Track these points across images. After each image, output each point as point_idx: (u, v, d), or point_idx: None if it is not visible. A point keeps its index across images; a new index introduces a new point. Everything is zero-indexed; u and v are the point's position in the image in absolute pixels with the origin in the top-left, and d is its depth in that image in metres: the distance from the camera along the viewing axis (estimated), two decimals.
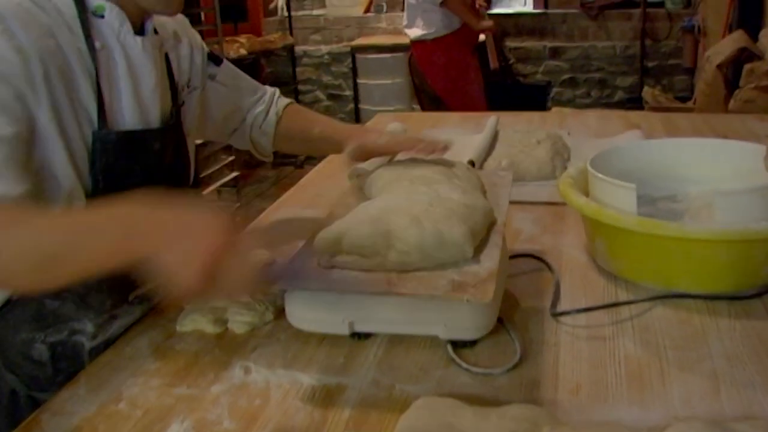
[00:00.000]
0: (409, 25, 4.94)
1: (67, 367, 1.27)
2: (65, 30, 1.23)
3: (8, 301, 1.28)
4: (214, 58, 1.63)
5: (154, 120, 1.38)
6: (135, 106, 1.33)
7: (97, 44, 1.26)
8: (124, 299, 1.32)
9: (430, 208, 1.16)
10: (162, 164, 1.39)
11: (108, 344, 1.28)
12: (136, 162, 1.34)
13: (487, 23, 5.00)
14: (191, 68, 1.56)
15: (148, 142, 1.36)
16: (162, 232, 0.95)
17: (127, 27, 1.31)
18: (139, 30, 1.35)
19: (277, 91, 1.78)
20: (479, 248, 1.15)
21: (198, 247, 0.91)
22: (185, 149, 1.50)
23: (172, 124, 1.43)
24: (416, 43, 4.92)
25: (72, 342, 1.28)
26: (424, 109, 5.06)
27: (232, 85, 1.69)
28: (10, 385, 1.33)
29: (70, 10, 1.25)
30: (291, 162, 6.90)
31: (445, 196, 1.23)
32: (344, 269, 1.12)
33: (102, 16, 1.28)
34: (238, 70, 1.73)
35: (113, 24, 1.29)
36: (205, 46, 1.62)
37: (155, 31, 1.40)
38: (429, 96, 4.94)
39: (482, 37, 5.20)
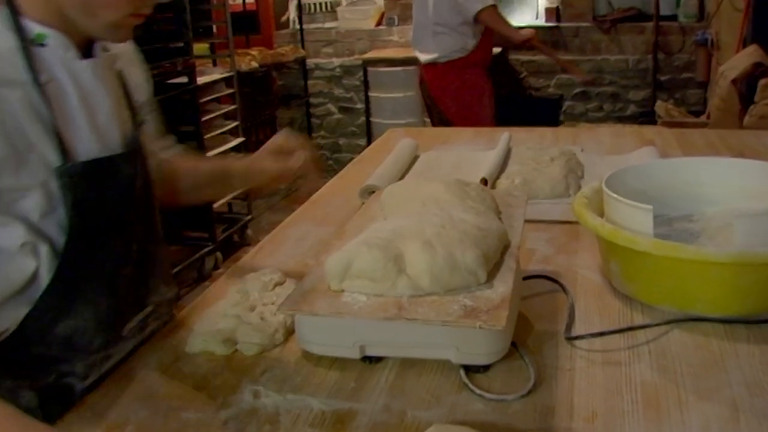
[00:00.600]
0: (419, 47, 4.84)
1: (59, 412, 1.17)
2: (2, 65, 1.14)
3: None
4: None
5: (115, 146, 1.29)
6: (93, 135, 1.25)
7: (43, 77, 1.16)
8: (117, 336, 1.29)
9: (443, 230, 1.15)
10: (133, 191, 1.31)
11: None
12: (106, 192, 1.25)
13: (528, 32, 4.92)
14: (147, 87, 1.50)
15: (117, 168, 1.27)
16: None
17: (73, 53, 1.22)
18: (87, 53, 1.27)
19: (173, 139, 1.67)
20: (492, 272, 1.13)
21: None
22: (148, 171, 1.39)
23: (137, 147, 1.34)
24: (427, 65, 4.81)
25: (61, 384, 1.23)
26: (434, 125, 4.96)
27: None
28: None
29: (7, 43, 1.15)
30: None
31: (458, 218, 1.21)
32: (354, 293, 1.10)
33: (43, 44, 1.18)
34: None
35: (57, 51, 1.20)
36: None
37: (105, 49, 1.33)
38: (439, 117, 4.83)
39: (497, 49, 5.12)
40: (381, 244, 1.12)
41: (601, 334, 1.25)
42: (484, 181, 1.95)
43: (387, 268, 1.08)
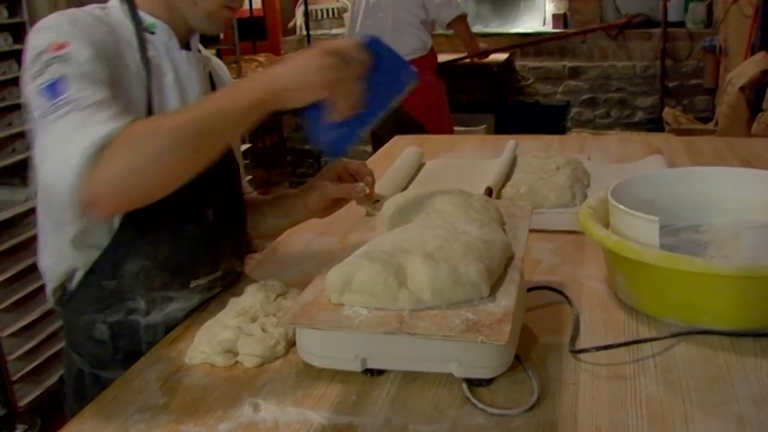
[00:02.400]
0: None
1: (125, 345, 1.44)
2: (123, 42, 1.35)
3: (72, 288, 1.43)
4: None
5: None
6: None
7: (150, 54, 1.38)
8: (185, 284, 1.46)
9: (445, 243, 1.13)
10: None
11: (166, 326, 1.44)
12: None
13: (485, 45, 5.07)
14: None
15: None
16: (278, 63, 1.21)
17: (175, 42, 1.42)
18: (185, 46, 1.46)
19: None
20: (496, 285, 1.12)
21: (305, 56, 1.19)
22: (231, 154, 1.57)
23: None
24: None
25: (129, 321, 1.43)
26: (389, 133, 4.68)
27: None
28: (76, 365, 1.50)
29: (128, 27, 1.38)
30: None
31: (461, 230, 1.20)
32: (355, 306, 1.08)
33: (153, 33, 1.41)
34: None
35: (163, 38, 1.41)
36: None
37: (199, 51, 1.52)
38: (402, 123, 4.43)
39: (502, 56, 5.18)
40: (382, 257, 1.11)
41: (606, 347, 1.23)
42: (489, 190, 1.94)
43: (388, 282, 1.06)
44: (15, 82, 3.08)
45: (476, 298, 1.08)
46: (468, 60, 5.35)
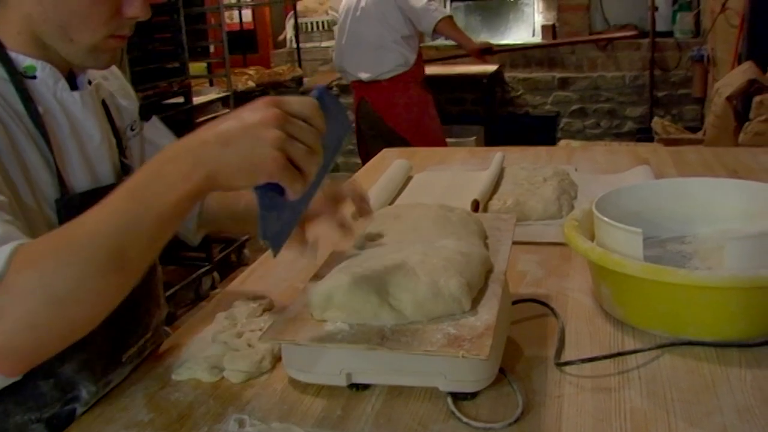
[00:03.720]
0: (355, 67, 4.86)
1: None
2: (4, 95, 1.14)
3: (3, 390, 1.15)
4: (143, 113, 1.49)
5: (106, 176, 1.28)
6: (84, 166, 1.24)
7: (41, 109, 1.16)
8: (117, 361, 1.28)
9: (425, 258, 1.14)
10: None
11: None
12: None
13: (482, 42, 5.04)
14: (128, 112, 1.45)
15: None
16: (215, 133, 0.94)
17: (63, 84, 1.22)
18: (72, 86, 1.25)
19: None
20: (477, 298, 1.12)
21: (254, 127, 0.92)
22: None
23: (126, 175, 1.31)
24: (368, 84, 4.84)
25: (66, 412, 1.22)
26: (370, 148, 4.77)
27: (158, 145, 1.49)
28: None
29: (2, 75, 1.15)
30: None
31: (440, 245, 1.20)
32: (337, 322, 1.09)
33: (34, 77, 1.18)
34: (168, 131, 1.56)
35: (47, 82, 1.19)
36: (136, 97, 1.52)
37: (89, 82, 1.31)
38: (385, 139, 4.67)
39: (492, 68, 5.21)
40: (363, 273, 1.11)
41: (591, 359, 1.23)
42: (476, 203, 1.94)
43: (369, 298, 1.07)
44: None
45: (458, 312, 1.08)
46: (467, 58, 5.34)
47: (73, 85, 1.26)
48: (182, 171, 0.93)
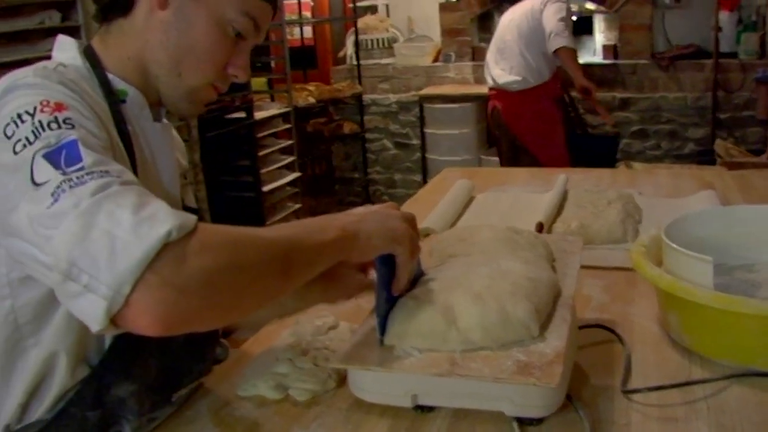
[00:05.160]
0: (499, 65, 5.07)
1: None
2: (100, 112, 1.13)
3: (47, 421, 1.15)
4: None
5: (176, 207, 1.20)
6: (159, 193, 1.17)
7: (130, 128, 1.19)
8: (167, 398, 1.25)
9: (492, 282, 1.14)
10: None
11: None
12: None
13: (589, 82, 5.11)
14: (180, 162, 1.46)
15: None
16: (351, 214, 1.15)
17: (147, 113, 1.25)
18: (156, 117, 1.29)
19: None
20: (545, 323, 1.12)
21: (377, 207, 1.17)
22: None
23: (189, 209, 1.35)
24: (499, 93, 5.05)
25: None
26: (502, 157, 5.20)
27: None
28: None
29: (99, 95, 1.17)
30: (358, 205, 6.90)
31: (507, 268, 1.20)
32: (406, 347, 1.09)
33: (123, 101, 1.21)
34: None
35: (134, 109, 1.22)
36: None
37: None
38: (511, 144, 5.07)
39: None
40: (430, 298, 1.12)
41: (658, 388, 1.22)
42: (540, 225, 1.94)
43: (437, 323, 1.07)
44: None
45: (526, 338, 1.08)
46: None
47: (156, 117, 1.29)
48: (334, 225, 1.09)
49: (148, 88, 1.24)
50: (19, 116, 0.99)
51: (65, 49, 1.22)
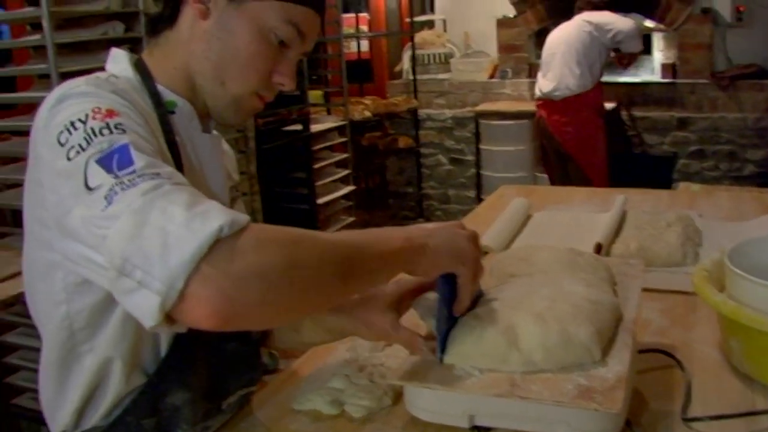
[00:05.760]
0: (540, 83, 5.33)
1: None
2: (150, 122, 1.15)
3: (103, 428, 1.18)
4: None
5: None
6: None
7: (177, 138, 1.21)
8: (217, 408, 1.26)
9: (554, 304, 1.13)
10: None
11: None
12: None
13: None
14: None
15: None
16: (419, 229, 1.14)
17: (196, 124, 1.27)
18: (205, 128, 1.30)
19: None
20: (606, 348, 1.11)
21: (450, 227, 1.15)
22: None
23: None
24: (545, 102, 5.28)
25: None
26: (550, 171, 5.50)
27: None
28: None
29: (149, 106, 1.19)
30: (409, 224, 6.92)
31: (569, 290, 1.19)
32: (466, 366, 1.09)
33: (173, 112, 1.23)
34: None
35: (183, 120, 1.24)
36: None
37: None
38: (558, 156, 5.34)
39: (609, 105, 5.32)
40: (491, 318, 1.11)
41: (721, 417, 1.20)
42: (599, 246, 1.92)
43: (497, 343, 1.07)
44: None
45: (587, 361, 1.07)
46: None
47: (205, 129, 1.30)
48: (400, 236, 1.09)
49: (195, 99, 1.26)
50: (72, 124, 1.01)
51: (117, 61, 1.24)
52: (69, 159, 0.98)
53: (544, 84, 5.31)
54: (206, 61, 1.22)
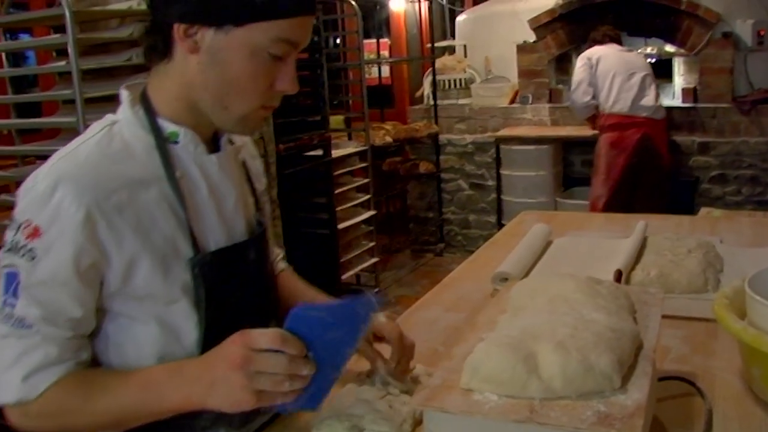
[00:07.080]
0: (647, 99, 5.59)
1: None
2: (140, 168, 1.24)
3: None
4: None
5: (240, 234, 1.36)
6: (220, 225, 1.32)
7: (177, 173, 1.26)
8: (255, 410, 1.23)
9: (575, 332, 1.13)
10: (260, 273, 1.41)
11: None
12: (235, 276, 1.33)
13: None
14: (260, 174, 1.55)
15: (243, 254, 1.36)
16: (192, 385, 1.16)
17: (202, 149, 1.30)
18: (214, 147, 1.35)
19: (282, 253, 1.71)
20: (626, 375, 1.11)
21: (226, 373, 1.11)
22: (269, 253, 1.48)
23: (261, 232, 1.42)
24: (650, 120, 5.55)
25: None
26: (644, 189, 5.60)
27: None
28: None
29: (143, 142, 1.26)
30: (430, 249, 6.92)
31: (589, 318, 1.19)
32: (485, 392, 1.09)
33: (176, 142, 1.28)
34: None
35: (188, 148, 1.28)
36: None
37: (230, 142, 1.40)
38: (658, 175, 5.64)
39: None
40: (511, 344, 1.11)
41: None
42: (619, 273, 1.92)
43: (517, 369, 1.07)
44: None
45: (607, 389, 1.07)
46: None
47: (216, 146, 1.35)
48: (177, 396, 1.17)
49: (200, 124, 1.30)
50: (15, 220, 1.20)
51: (122, 102, 1.30)
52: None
53: (648, 101, 5.50)
54: (205, 91, 1.25)
